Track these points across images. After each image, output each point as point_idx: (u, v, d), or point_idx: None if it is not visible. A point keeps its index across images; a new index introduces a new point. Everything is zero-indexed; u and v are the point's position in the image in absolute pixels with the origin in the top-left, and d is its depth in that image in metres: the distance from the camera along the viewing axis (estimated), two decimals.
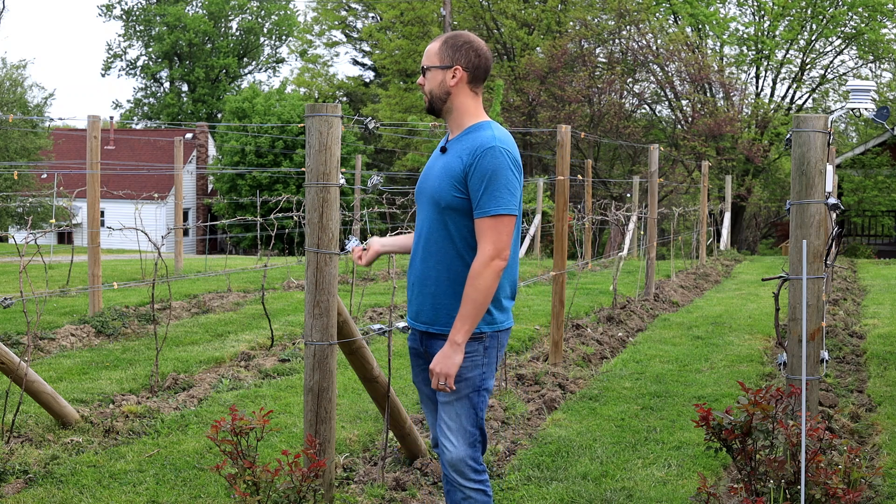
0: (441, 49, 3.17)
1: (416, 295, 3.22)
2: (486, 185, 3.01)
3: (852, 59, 33.67)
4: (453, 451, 3.16)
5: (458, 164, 3.08)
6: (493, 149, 3.03)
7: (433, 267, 3.15)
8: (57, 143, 32.84)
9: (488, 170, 3.01)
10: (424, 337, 3.23)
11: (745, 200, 30.44)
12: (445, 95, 3.17)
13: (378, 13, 41.93)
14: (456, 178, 3.07)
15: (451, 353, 3.04)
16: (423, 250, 3.18)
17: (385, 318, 9.68)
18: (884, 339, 8.50)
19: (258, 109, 34.58)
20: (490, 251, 3.01)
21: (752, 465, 3.55)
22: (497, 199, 3.01)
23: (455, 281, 3.11)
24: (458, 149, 3.12)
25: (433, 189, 3.14)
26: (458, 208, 3.08)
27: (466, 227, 3.09)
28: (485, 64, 3.19)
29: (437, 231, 3.13)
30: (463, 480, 3.17)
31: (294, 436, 5.22)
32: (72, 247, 12.35)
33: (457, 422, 3.16)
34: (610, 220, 17.23)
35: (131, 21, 53.38)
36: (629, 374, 7.24)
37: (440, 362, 3.05)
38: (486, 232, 3.02)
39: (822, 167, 3.98)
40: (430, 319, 3.18)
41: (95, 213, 9.35)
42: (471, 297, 3.01)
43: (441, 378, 3.06)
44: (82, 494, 4.33)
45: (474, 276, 3.01)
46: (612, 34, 31.10)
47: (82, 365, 7.10)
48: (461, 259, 3.11)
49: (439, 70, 3.16)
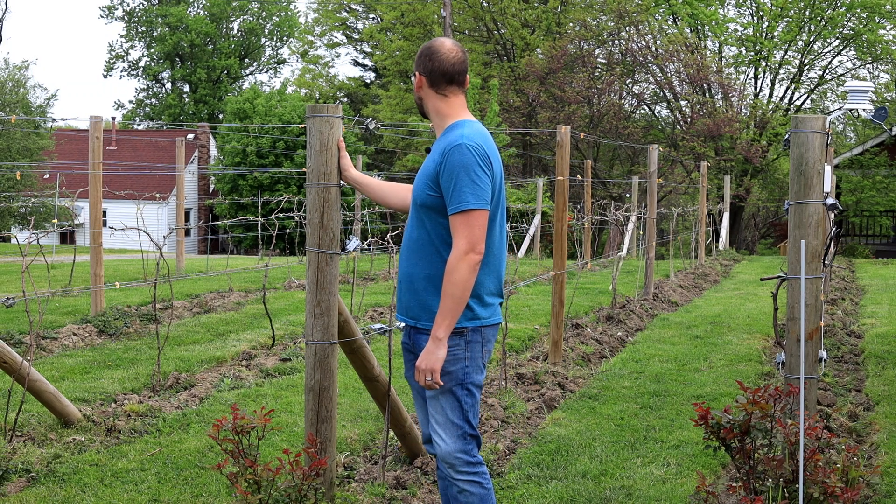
0: (418, 57, 3.34)
1: (403, 292, 3.34)
2: (454, 181, 3.10)
3: (850, 60, 33.71)
4: (443, 445, 3.23)
5: (432, 163, 3.20)
6: (460, 146, 3.12)
7: (415, 264, 3.26)
8: (59, 144, 32.83)
9: (456, 167, 3.11)
10: (412, 332, 3.32)
11: (743, 201, 30.44)
12: (419, 101, 3.36)
13: (379, 14, 41.94)
14: (430, 176, 3.19)
15: (434, 348, 3.12)
16: (407, 249, 3.31)
17: (385, 317, 9.70)
18: (882, 338, 8.52)
19: (259, 110, 34.58)
20: (464, 246, 3.09)
21: (750, 464, 3.57)
22: (465, 195, 3.10)
23: (436, 277, 3.20)
24: (435, 149, 3.25)
25: (414, 189, 3.29)
26: (433, 206, 3.18)
27: (441, 224, 3.18)
28: (440, 67, 3.25)
29: (417, 229, 3.26)
30: (455, 474, 3.22)
31: (295, 435, 5.25)
32: (74, 247, 12.38)
33: (443, 416, 3.23)
34: (609, 221, 17.25)
35: (133, 22, 53.37)
36: (628, 373, 7.26)
37: (424, 359, 3.13)
38: (458, 227, 3.11)
39: (820, 167, 4.00)
40: (415, 315, 3.28)
41: (97, 213, 9.37)
42: (448, 291, 3.10)
43: (427, 374, 3.13)
44: (84, 493, 4.36)
45: (450, 270, 3.10)
46: (611, 35, 31.11)
47: (84, 364, 7.12)
48: (439, 256, 3.20)
49: (415, 77, 3.35)
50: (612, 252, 22.66)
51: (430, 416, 3.28)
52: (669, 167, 30.16)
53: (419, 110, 3.41)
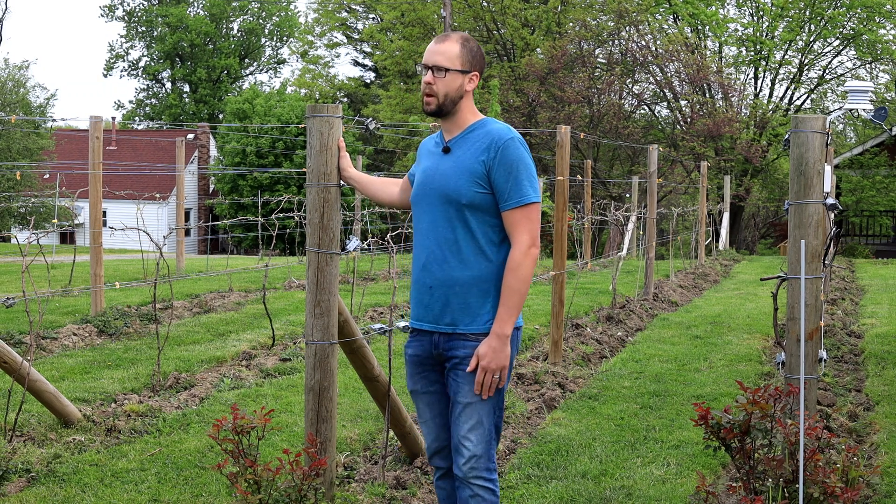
0: (462, 53, 3.16)
1: (436, 299, 3.15)
2: (513, 175, 3.05)
3: (851, 60, 33.71)
4: (472, 449, 3.14)
5: (475, 161, 3.09)
6: (513, 140, 3.08)
7: (457, 267, 3.12)
8: (59, 144, 32.83)
9: (513, 160, 3.06)
10: (443, 339, 3.16)
11: (743, 200, 30.44)
12: (459, 98, 3.17)
13: (379, 14, 41.92)
14: (477, 174, 3.08)
15: (501, 346, 3.05)
16: (442, 251, 3.14)
17: (385, 317, 9.71)
18: (882, 338, 8.52)
19: (258, 111, 34.61)
20: (527, 240, 3.06)
21: (750, 464, 3.57)
22: (526, 188, 3.07)
23: (481, 279, 3.11)
24: (469, 146, 3.13)
25: (448, 189, 3.12)
26: (481, 204, 3.09)
27: (488, 222, 3.11)
28: (483, 66, 3.25)
29: (456, 230, 3.12)
30: (475, 478, 3.16)
31: (295, 435, 5.25)
32: (74, 247, 12.38)
33: (477, 419, 3.14)
34: (609, 220, 17.24)
35: (133, 22, 53.38)
36: (628, 373, 7.26)
37: (492, 357, 3.05)
38: (519, 221, 3.06)
39: (820, 167, 4.00)
40: (454, 321, 3.14)
41: (97, 213, 9.38)
42: (515, 288, 3.05)
43: (496, 372, 3.05)
44: (84, 493, 4.36)
45: (515, 266, 3.05)
46: (611, 35, 31.11)
47: (84, 364, 7.13)
48: (484, 256, 3.12)
49: (459, 74, 3.15)
50: (612, 252, 22.66)
51: (459, 422, 3.15)
52: (669, 167, 30.15)
53: (436, 107, 3.15)
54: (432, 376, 3.26)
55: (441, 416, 3.28)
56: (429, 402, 3.29)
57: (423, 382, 3.27)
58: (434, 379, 3.26)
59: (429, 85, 3.15)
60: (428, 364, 3.25)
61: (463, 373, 3.14)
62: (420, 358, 3.25)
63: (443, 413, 3.27)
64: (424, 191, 3.21)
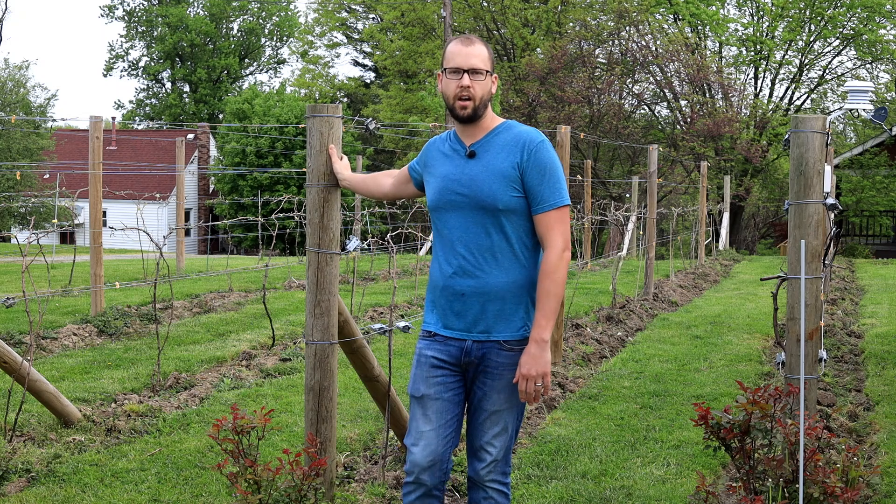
0: (489, 55, 3.14)
1: (469, 306, 3.07)
2: (547, 178, 3.02)
3: (851, 60, 33.72)
4: (495, 454, 3.12)
5: (508, 163, 3.03)
6: (544, 142, 3.05)
7: (494, 274, 3.05)
8: (59, 144, 32.84)
9: (545, 163, 3.02)
10: (476, 347, 3.09)
11: (743, 200, 30.45)
12: (489, 101, 3.13)
13: (379, 14, 41.94)
14: (510, 177, 3.02)
15: (541, 352, 2.98)
16: (476, 258, 3.06)
17: (385, 317, 9.71)
18: (882, 338, 8.52)
19: (257, 111, 34.63)
20: (561, 243, 3.01)
21: (750, 464, 3.57)
22: (559, 191, 3.03)
23: (517, 284, 3.07)
24: (498, 150, 3.07)
25: (482, 194, 3.03)
26: (516, 209, 3.04)
27: (522, 227, 3.06)
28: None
29: (494, 236, 3.05)
30: (491, 482, 3.15)
31: (295, 435, 5.25)
32: (74, 247, 12.39)
33: (503, 426, 3.12)
34: (609, 220, 17.24)
35: (133, 22, 53.38)
36: (628, 373, 7.26)
37: (533, 364, 2.98)
38: (553, 224, 3.02)
39: (820, 167, 4.00)
40: (488, 328, 3.07)
41: (97, 213, 9.38)
42: (552, 292, 2.99)
43: (537, 379, 2.98)
44: (84, 493, 4.36)
45: (551, 270, 2.99)
46: (611, 35, 31.12)
47: (84, 364, 7.13)
48: (518, 261, 3.07)
49: (488, 76, 3.11)
50: (612, 252, 22.66)
51: (484, 428, 3.12)
52: (669, 167, 30.16)
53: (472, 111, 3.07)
54: (451, 383, 3.13)
55: (446, 427, 3.12)
56: (438, 410, 3.12)
57: (438, 388, 3.12)
58: (451, 386, 3.13)
59: (466, 89, 3.06)
60: (450, 370, 3.13)
61: (492, 381, 3.09)
62: (443, 362, 3.12)
63: (448, 423, 3.12)
64: (450, 197, 3.09)
